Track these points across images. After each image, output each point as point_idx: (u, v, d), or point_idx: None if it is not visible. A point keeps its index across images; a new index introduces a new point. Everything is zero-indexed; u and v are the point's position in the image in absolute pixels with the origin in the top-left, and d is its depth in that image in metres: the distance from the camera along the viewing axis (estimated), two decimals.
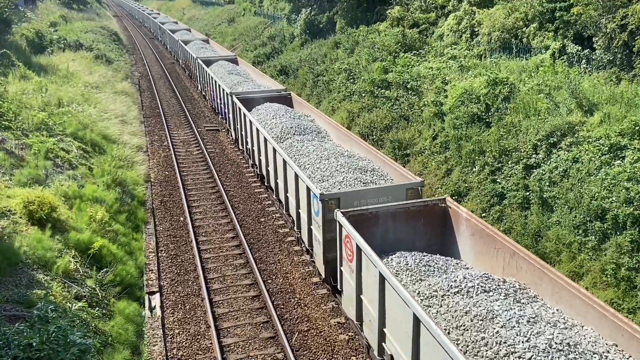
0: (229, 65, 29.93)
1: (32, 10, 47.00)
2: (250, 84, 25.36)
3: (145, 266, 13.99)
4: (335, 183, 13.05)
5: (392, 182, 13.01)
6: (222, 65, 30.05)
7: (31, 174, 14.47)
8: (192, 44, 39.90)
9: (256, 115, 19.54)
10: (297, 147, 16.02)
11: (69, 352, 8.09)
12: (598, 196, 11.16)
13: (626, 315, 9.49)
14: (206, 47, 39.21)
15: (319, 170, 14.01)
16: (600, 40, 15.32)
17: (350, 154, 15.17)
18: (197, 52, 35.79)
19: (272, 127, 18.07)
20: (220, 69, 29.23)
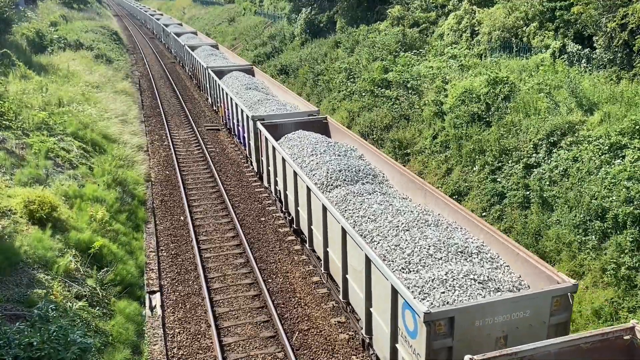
0: (245, 78, 25.44)
1: (32, 10, 47.02)
2: (274, 103, 20.25)
3: (146, 265, 14.00)
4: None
5: (528, 287, 8.69)
6: (237, 77, 25.70)
7: (32, 173, 14.48)
8: (200, 50, 35.84)
9: (288, 149, 15.39)
10: (353, 204, 11.78)
11: (70, 351, 8.10)
12: (598, 195, 11.16)
13: (626, 314, 9.49)
14: (216, 54, 34.71)
15: (397, 251, 9.67)
16: (601, 39, 15.31)
17: (434, 218, 10.83)
18: (207, 60, 31.74)
19: (312, 168, 13.88)
20: (235, 81, 24.98)
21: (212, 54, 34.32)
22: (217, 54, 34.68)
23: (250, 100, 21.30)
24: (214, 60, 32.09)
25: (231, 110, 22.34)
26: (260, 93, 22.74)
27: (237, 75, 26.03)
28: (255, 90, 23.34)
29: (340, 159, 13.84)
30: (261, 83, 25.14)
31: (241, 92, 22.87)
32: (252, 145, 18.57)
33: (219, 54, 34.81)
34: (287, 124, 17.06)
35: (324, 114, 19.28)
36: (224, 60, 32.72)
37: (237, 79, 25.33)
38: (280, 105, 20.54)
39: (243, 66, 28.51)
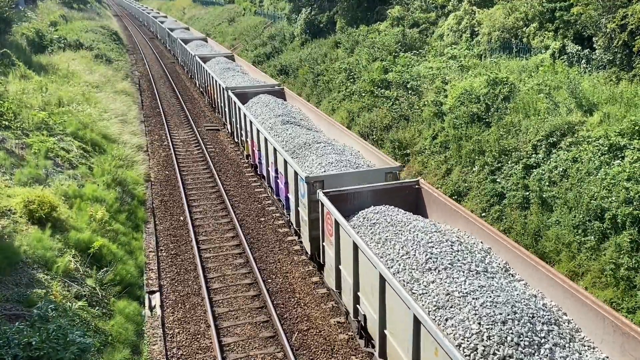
0: (277, 104, 20.17)
1: (32, 10, 47.04)
2: (329, 148, 15.07)
3: (145, 265, 14.00)
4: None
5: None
6: (266, 103, 20.43)
7: (31, 173, 14.49)
8: (213, 63, 30.75)
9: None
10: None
11: (69, 351, 8.11)
12: (597, 196, 11.17)
13: (625, 315, 9.50)
14: (233, 68, 29.13)
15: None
16: (600, 40, 15.32)
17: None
18: (223, 76, 26.71)
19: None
20: (264, 109, 19.87)
21: (228, 68, 28.77)
22: (234, 68, 29.12)
23: (294, 142, 15.96)
24: (233, 77, 26.58)
25: (265, 155, 16.88)
26: (303, 130, 17.30)
27: (266, 101, 20.70)
28: (295, 125, 17.83)
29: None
30: (297, 112, 20.05)
31: (276, 128, 17.58)
32: (306, 220, 13.04)
33: (237, 68, 29.40)
34: (363, 192, 11.97)
35: (323, 114, 19.31)
36: (243, 76, 27.00)
37: (266, 106, 20.13)
38: (339, 151, 14.79)
39: (271, 87, 23.21)
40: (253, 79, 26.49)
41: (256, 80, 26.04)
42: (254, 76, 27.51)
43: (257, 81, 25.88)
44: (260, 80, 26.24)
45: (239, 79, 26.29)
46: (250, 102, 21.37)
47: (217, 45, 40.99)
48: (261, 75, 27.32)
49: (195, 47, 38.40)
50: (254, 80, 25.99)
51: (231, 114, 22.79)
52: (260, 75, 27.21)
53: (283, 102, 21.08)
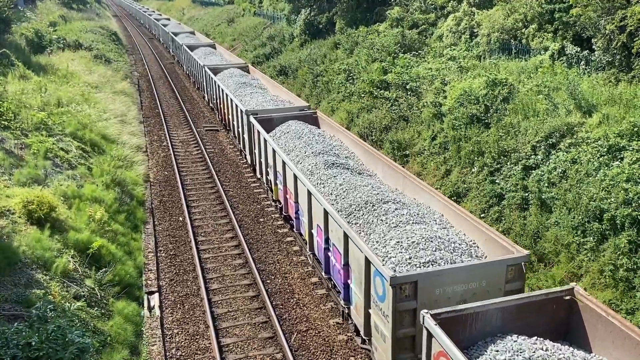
0: (312, 134, 16.02)
1: (31, 10, 46.98)
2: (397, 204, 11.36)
3: (144, 266, 14.00)
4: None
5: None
6: (299, 133, 16.19)
7: (30, 173, 14.48)
8: (226, 76, 26.04)
9: None
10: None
11: (68, 352, 8.10)
12: (596, 197, 11.18)
13: (624, 315, 9.51)
14: (250, 82, 24.30)
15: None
16: (599, 41, 15.34)
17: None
18: (240, 94, 22.32)
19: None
20: (298, 142, 15.60)
21: (244, 83, 24.02)
22: (250, 83, 24.27)
23: (348, 199, 11.78)
24: (251, 95, 21.99)
25: (307, 213, 12.53)
26: (356, 177, 13.09)
27: (298, 130, 16.31)
28: (345, 169, 13.66)
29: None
30: (339, 145, 15.92)
31: (318, 172, 13.50)
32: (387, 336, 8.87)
33: (253, 82, 24.54)
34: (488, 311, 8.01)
35: (323, 115, 19.27)
36: (263, 93, 22.22)
37: (300, 138, 15.63)
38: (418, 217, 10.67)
39: (301, 110, 18.30)
40: (275, 98, 21.74)
41: (280, 101, 21.37)
42: (275, 93, 22.97)
43: (281, 101, 21.25)
44: (284, 99, 21.56)
45: (259, 97, 21.52)
46: (277, 132, 17.08)
47: (228, 53, 36.10)
48: (284, 92, 22.26)
49: (204, 55, 34.10)
50: (276, 100, 21.21)
51: (252, 144, 18.43)
52: (284, 93, 22.21)
53: (317, 129, 16.86)
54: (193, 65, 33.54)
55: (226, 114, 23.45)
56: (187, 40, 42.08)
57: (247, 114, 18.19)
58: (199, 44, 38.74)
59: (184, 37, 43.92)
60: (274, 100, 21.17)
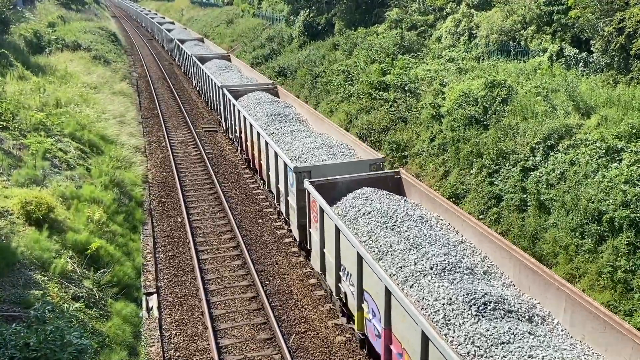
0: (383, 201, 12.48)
1: (30, 11, 46.98)
2: None
3: (143, 267, 13.98)
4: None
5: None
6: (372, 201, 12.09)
7: (29, 174, 14.46)
8: (251, 100, 21.30)
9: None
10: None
11: (66, 352, 8.10)
12: (595, 199, 11.19)
13: (623, 317, 9.52)
14: (283, 112, 19.41)
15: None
16: (598, 43, 15.37)
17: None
18: (271, 122, 18.32)
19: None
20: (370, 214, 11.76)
21: (279, 114, 19.06)
22: (285, 113, 19.27)
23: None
24: (288, 125, 17.85)
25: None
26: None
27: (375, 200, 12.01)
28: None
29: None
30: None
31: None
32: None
33: (289, 112, 19.74)
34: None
35: (322, 115, 19.40)
36: (299, 122, 18.56)
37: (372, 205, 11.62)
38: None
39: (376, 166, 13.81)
40: (327, 140, 16.08)
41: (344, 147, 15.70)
42: (313, 123, 18.48)
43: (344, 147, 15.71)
44: (341, 142, 16.05)
45: (295, 124, 17.97)
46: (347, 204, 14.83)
47: (246, 67, 30.35)
48: (333, 127, 17.32)
49: (218, 70, 28.77)
50: (333, 145, 15.67)
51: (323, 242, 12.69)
52: (325, 123, 17.88)
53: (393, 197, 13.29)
54: (206, 83, 27.77)
55: (261, 166, 17.59)
56: (195, 49, 37.11)
57: (299, 175, 13.18)
58: (210, 55, 33.12)
59: (192, 46, 38.83)
60: (327, 146, 15.28)
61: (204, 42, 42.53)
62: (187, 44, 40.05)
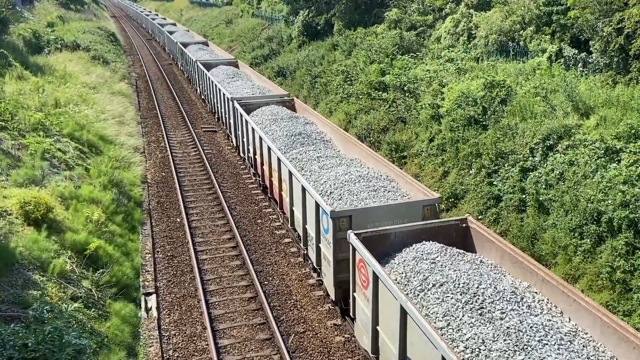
0: None
1: (29, 10, 46.94)
2: None
3: (142, 267, 13.97)
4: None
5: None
6: None
7: (28, 174, 14.45)
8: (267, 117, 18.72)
9: None
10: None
11: (65, 353, 8.09)
12: (594, 199, 11.19)
13: (622, 317, 9.52)
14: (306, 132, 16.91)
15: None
16: (597, 43, 15.37)
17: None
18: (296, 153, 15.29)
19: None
20: None
21: (299, 134, 16.77)
22: (308, 133, 16.96)
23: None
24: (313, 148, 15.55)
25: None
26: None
27: None
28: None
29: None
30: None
31: None
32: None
33: (309, 125, 17.92)
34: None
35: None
36: (324, 144, 16.35)
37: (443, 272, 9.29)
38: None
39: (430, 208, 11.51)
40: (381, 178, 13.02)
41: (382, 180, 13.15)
42: (353, 152, 15.20)
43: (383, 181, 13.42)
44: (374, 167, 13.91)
45: (328, 151, 15.29)
46: None
47: (254, 73, 27.79)
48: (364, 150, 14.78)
49: (226, 77, 26.08)
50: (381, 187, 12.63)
51: None
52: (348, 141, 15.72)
53: None
54: (213, 94, 25.68)
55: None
56: (201, 54, 34.48)
57: (337, 221, 10.92)
58: (218, 61, 30.18)
59: (196, 50, 35.98)
60: (365, 178, 12.78)
61: (208, 46, 39.31)
62: (190, 48, 36.69)
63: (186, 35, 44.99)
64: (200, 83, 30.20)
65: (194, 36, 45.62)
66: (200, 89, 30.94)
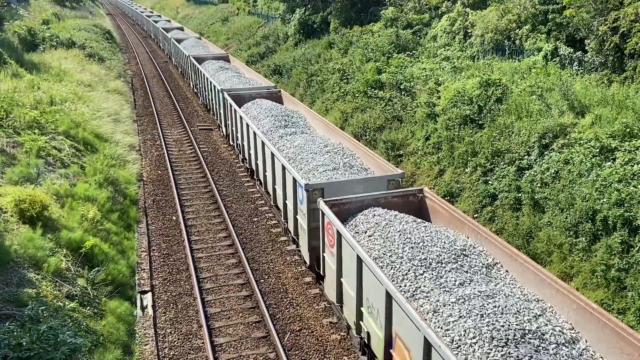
0: None
1: (24, 8, 46.74)
2: None
3: (137, 265, 13.95)
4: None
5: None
6: None
7: (23, 172, 14.39)
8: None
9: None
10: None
11: (60, 351, 8.06)
12: (589, 198, 11.23)
13: (616, 315, 9.56)
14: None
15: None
16: (592, 42, 15.42)
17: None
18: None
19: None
20: None
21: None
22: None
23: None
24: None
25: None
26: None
27: None
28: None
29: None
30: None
31: None
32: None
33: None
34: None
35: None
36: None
37: None
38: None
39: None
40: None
41: None
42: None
43: None
44: None
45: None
46: None
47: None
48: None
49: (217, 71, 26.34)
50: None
51: None
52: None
53: None
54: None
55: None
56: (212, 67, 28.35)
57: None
58: (259, 89, 22.46)
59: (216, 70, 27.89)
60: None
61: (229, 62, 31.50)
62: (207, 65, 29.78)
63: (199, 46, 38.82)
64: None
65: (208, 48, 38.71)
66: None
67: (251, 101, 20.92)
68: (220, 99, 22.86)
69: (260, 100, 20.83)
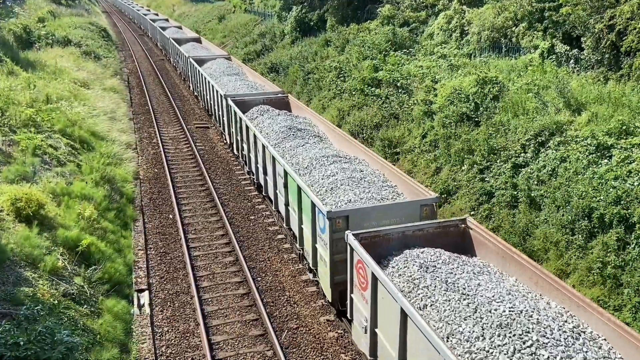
0: None
1: (19, 6, 46.52)
2: None
3: (134, 264, 13.93)
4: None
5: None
6: None
7: (19, 170, 14.36)
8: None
9: None
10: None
11: (56, 350, 8.05)
12: (585, 195, 11.27)
13: (612, 312, 9.60)
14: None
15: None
16: (589, 40, 15.45)
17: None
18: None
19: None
20: None
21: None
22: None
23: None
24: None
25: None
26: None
27: None
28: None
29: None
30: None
31: None
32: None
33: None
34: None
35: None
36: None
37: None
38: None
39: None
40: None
41: None
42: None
43: None
44: None
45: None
46: None
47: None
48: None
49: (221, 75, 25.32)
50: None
51: None
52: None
53: None
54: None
55: None
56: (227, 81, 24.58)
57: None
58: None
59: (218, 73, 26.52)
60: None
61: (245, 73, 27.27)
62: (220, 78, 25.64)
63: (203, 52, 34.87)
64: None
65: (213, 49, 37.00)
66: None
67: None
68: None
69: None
